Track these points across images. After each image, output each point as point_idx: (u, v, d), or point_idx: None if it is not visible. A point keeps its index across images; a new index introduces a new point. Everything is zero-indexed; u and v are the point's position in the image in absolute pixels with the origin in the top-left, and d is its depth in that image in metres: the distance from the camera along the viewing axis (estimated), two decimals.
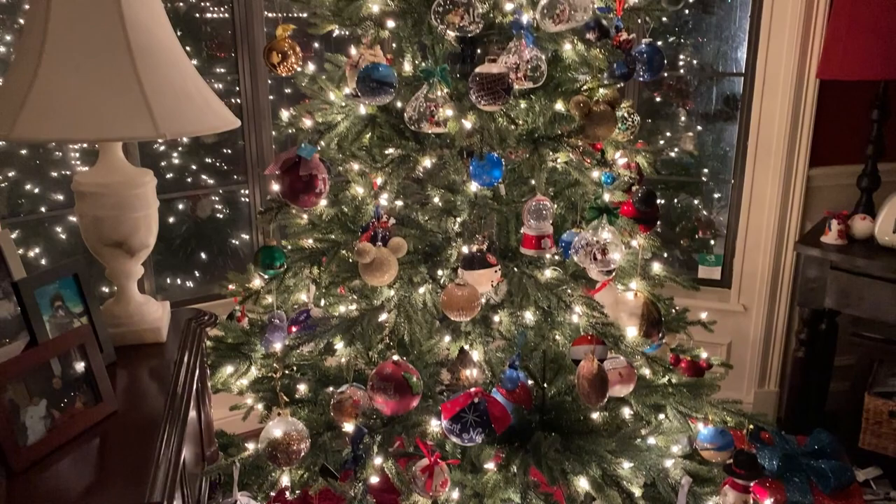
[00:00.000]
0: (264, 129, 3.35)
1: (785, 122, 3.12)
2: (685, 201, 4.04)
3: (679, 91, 4.01)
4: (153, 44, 1.56)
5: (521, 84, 1.85)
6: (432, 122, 1.84)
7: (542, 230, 1.91)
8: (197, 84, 1.66)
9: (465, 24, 1.78)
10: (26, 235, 3.24)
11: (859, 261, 2.73)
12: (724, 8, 3.65)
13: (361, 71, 1.78)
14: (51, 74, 1.46)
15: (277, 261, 1.94)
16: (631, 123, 2.06)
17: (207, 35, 3.63)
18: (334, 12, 2.00)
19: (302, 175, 1.83)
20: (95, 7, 1.51)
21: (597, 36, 1.97)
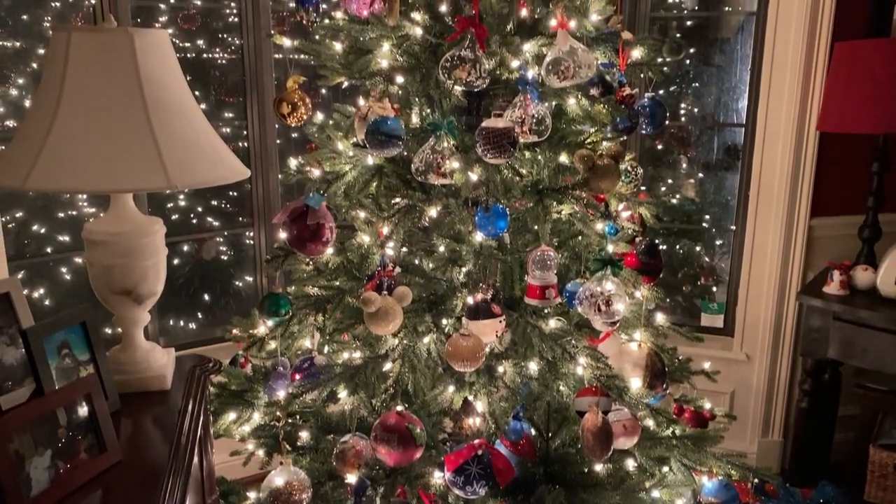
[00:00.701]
0: (271, 173, 3.39)
1: (786, 173, 3.16)
2: (687, 247, 4.06)
3: (681, 139, 4.06)
4: (167, 97, 1.59)
5: (527, 138, 1.88)
6: (439, 174, 1.87)
7: (546, 280, 1.93)
8: (208, 135, 1.69)
9: (472, 80, 1.82)
10: (31, 276, 3.25)
11: (862, 312, 2.74)
12: (724, 60, 3.71)
13: (370, 125, 1.82)
14: (67, 125, 1.49)
15: (283, 308, 1.95)
16: (634, 176, 2.09)
17: (216, 79, 3.70)
18: (344, 65, 2.05)
19: (309, 224, 1.86)
20: (112, 60, 1.54)
21: (600, 91, 2.00)
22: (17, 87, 3.17)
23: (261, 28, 3.23)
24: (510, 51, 1.91)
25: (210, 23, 3.54)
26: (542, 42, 1.90)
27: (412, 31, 1.93)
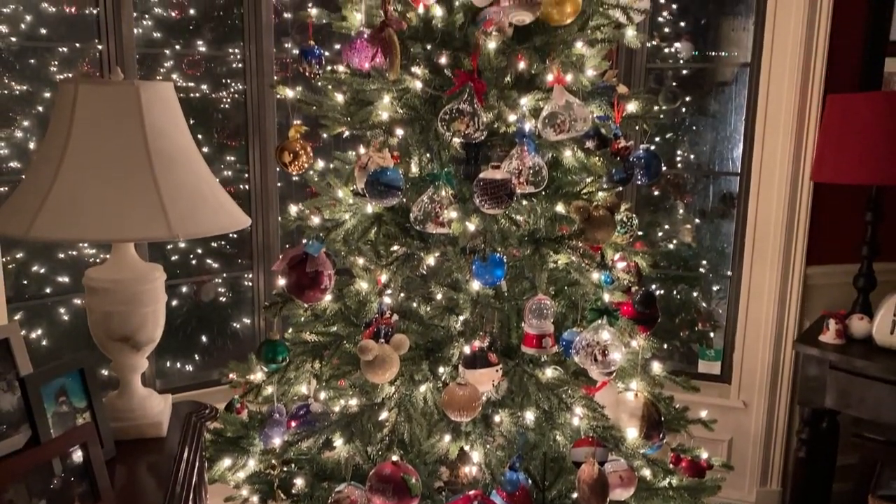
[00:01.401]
0: (271, 216, 3.42)
1: (781, 222, 3.19)
2: (685, 292, 4.07)
3: (677, 185, 4.10)
4: (170, 147, 1.63)
5: (523, 188, 1.91)
6: (437, 223, 1.90)
7: (543, 329, 1.94)
8: (210, 184, 1.72)
9: (471, 132, 1.86)
10: (30, 316, 3.26)
11: (858, 361, 2.74)
12: (719, 109, 3.78)
13: (370, 175, 1.85)
14: (71, 176, 1.52)
15: (280, 355, 1.96)
16: (630, 227, 2.11)
17: (219, 122, 3.75)
18: (345, 116, 2.09)
19: (308, 271, 1.88)
20: (118, 112, 1.58)
21: (596, 144, 2.04)
22: (21, 130, 3.21)
23: (264, 75, 3.29)
24: (508, 104, 1.95)
25: (214, 68, 3.60)
26: (538, 96, 1.94)
27: (412, 85, 1.97)
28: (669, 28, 3.78)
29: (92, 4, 3.03)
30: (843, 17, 3.10)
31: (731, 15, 3.70)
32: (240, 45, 3.36)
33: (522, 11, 1.85)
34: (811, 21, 3.06)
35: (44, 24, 3.08)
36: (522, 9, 1.85)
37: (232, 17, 3.48)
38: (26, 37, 3.05)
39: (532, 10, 1.85)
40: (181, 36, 3.48)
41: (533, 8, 1.85)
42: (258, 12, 3.24)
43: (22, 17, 3.06)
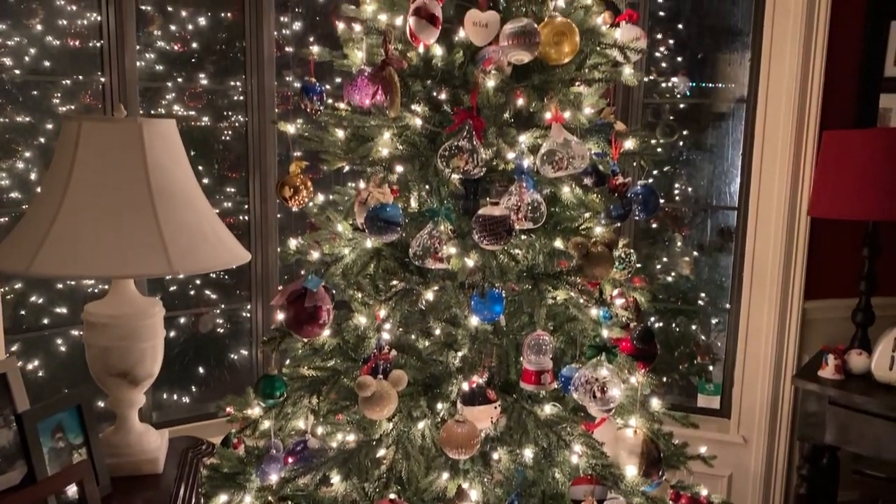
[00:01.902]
0: (270, 248, 3.43)
1: (779, 256, 3.20)
2: (683, 325, 4.07)
3: (675, 218, 4.12)
4: (172, 184, 1.64)
5: (522, 224, 1.92)
6: (436, 259, 1.90)
7: (541, 365, 1.94)
8: (211, 221, 1.73)
9: (470, 169, 1.87)
10: (27, 347, 3.25)
11: (857, 397, 2.74)
12: (716, 145, 3.81)
13: (370, 211, 1.86)
14: (73, 212, 1.53)
15: (278, 390, 1.96)
16: (628, 263, 2.12)
17: (220, 154, 3.77)
18: (346, 151, 2.10)
19: (307, 306, 1.88)
20: (121, 149, 1.60)
21: (594, 181, 2.06)
22: (23, 161, 3.23)
23: (265, 108, 3.32)
24: (506, 141, 1.97)
25: (216, 100, 3.63)
26: (537, 134, 1.96)
27: (412, 122, 1.99)
28: (667, 63, 3.83)
29: (95, 37, 3.06)
30: (838, 53, 3.14)
31: (727, 50, 3.75)
32: (241, 77, 3.39)
33: (521, 51, 1.88)
34: (806, 57, 3.10)
35: (48, 56, 3.11)
36: (521, 49, 1.87)
37: (234, 51, 3.52)
38: (30, 69, 3.08)
39: (530, 50, 1.88)
40: (183, 68, 3.51)
41: (531, 48, 1.88)
42: (260, 46, 3.28)
43: (26, 49, 3.09)
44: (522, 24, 1.87)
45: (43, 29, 3.09)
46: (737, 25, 3.63)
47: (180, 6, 3.43)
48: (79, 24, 3.14)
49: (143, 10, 3.31)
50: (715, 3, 3.76)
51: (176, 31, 3.46)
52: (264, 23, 3.27)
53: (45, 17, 3.09)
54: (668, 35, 3.82)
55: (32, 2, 3.11)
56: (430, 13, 1.84)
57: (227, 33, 3.53)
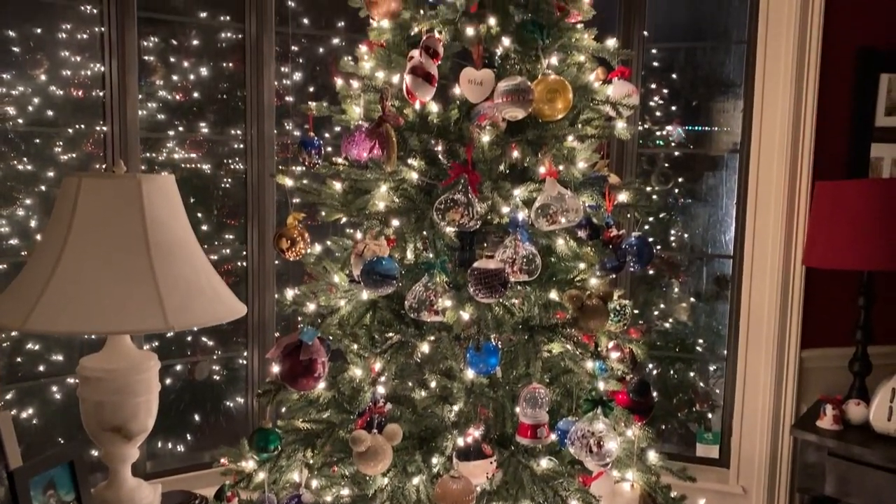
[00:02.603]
0: (267, 295, 3.43)
1: (774, 305, 3.21)
2: (681, 372, 4.05)
3: (671, 264, 4.13)
4: (170, 239, 1.65)
5: (517, 277, 1.94)
6: (432, 311, 1.91)
7: (537, 419, 1.93)
8: (208, 274, 1.74)
9: (465, 222, 1.90)
10: (21, 395, 3.23)
11: (856, 448, 2.72)
12: (711, 193, 3.84)
13: (366, 264, 1.88)
14: (70, 268, 1.54)
15: (272, 444, 1.95)
16: (623, 315, 2.13)
17: (219, 200, 3.80)
18: (343, 204, 2.13)
19: (302, 359, 1.88)
20: (120, 205, 1.61)
21: (588, 233, 2.08)
22: (23, 208, 3.25)
23: (265, 157, 3.36)
24: (501, 195, 2.00)
25: (216, 148, 3.68)
26: (531, 187, 1.99)
27: (408, 175, 2.02)
28: (661, 112, 3.88)
29: (98, 87, 3.11)
30: (829, 104, 3.19)
31: (721, 98, 3.81)
32: (242, 126, 3.44)
33: (515, 108, 1.92)
34: (798, 108, 3.15)
35: (50, 105, 3.16)
36: (515, 106, 1.91)
37: (234, 100, 3.57)
38: (33, 118, 3.12)
39: (524, 107, 1.92)
40: (184, 117, 3.56)
41: (525, 105, 1.91)
42: (260, 95, 3.34)
43: (30, 99, 3.14)
44: (516, 81, 1.91)
45: (47, 79, 3.14)
46: (729, 77, 3.70)
47: (182, 57, 3.49)
48: (82, 75, 3.19)
49: (145, 60, 3.37)
50: (708, 53, 3.83)
51: (178, 81, 3.52)
52: (265, 73, 3.33)
53: (50, 67, 3.14)
54: (661, 85, 3.88)
55: (38, 52, 3.16)
56: (426, 72, 1.88)
57: (229, 83, 3.59)
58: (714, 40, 3.77)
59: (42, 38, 3.10)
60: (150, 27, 3.31)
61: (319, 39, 3.69)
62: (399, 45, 2.07)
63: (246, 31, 3.28)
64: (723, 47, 3.72)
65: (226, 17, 3.41)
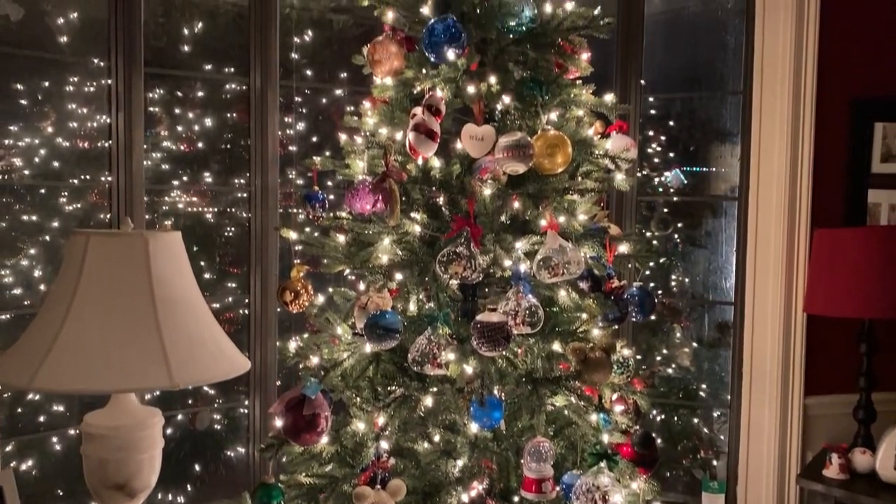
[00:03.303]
0: (270, 343, 3.43)
1: (777, 352, 3.20)
2: (685, 418, 4.03)
3: (673, 310, 4.14)
4: (175, 295, 1.67)
5: (520, 329, 1.95)
6: (435, 365, 1.92)
7: (542, 473, 1.92)
8: (212, 330, 1.75)
9: (468, 275, 1.91)
10: (21, 447, 3.21)
11: (863, 499, 2.69)
12: (711, 241, 3.87)
13: (369, 318, 1.89)
14: (77, 326, 1.56)
15: (275, 500, 1.93)
16: (626, 367, 2.13)
17: (221, 247, 3.82)
18: (346, 256, 2.15)
19: (305, 414, 1.88)
20: (126, 263, 1.63)
21: (589, 285, 2.10)
22: (27, 258, 3.27)
23: (268, 206, 3.39)
24: (503, 247, 2.02)
25: (220, 196, 3.71)
26: (533, 240, 2.01)
27: (411, 228, 2.04)
28: (658, 158, 3.93)
29: (104, 138, 3.15)
30: (825, 152, 3.22)
31: (718, 143, 3.85)
32: (245, 175, 3.47)
33: (516, 163, 1.95)
34: (794, 156, 3.18)
35: (56, 156, 3.20)
36: (516, 161, 1.94)
37: (238, 149, 3.62)
38: (39, 169, 3.15)
39: (525, 162, 1.95)
40: (189, 166, 3.61)
41: (526, 160, 1.95)
42: (264, 145, 3.38)
43: (36, 150, 3.18)
44: (517, 137, 1.95)
45: (54, 131, 3.19)
46: (726, 126, 3.75)
47: (188, 108, 3.55)
48: (88, 126, 3.24)
49: (151, 110, 3.43)
50: (705, 101, 3.89)
51: (183, 132, 3.57)
52: (269, 124, 3.38)
53: (57, 119, 3.19)
54: (659, 132, 3.94)
55: (45, 105, 3.22)
56: (428, 129, 1.91)
57: (233, 133, 3.64)
58: (710, 90, 3.84)
59: (50, 90, 3.15)
60: (157, 79, 3.37)
61: (323, 90, 3.76)
62: (402, 102, 2.11)
63: (251, 84, 3.34)
64: (719, 97, 3.78)
65: (230, 69, 3.48)
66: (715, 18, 3.69)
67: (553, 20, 2.10)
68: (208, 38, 3.51)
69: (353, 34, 3.74)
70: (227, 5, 3.50)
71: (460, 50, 1.96)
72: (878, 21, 3.25)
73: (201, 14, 3.49)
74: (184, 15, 3.49)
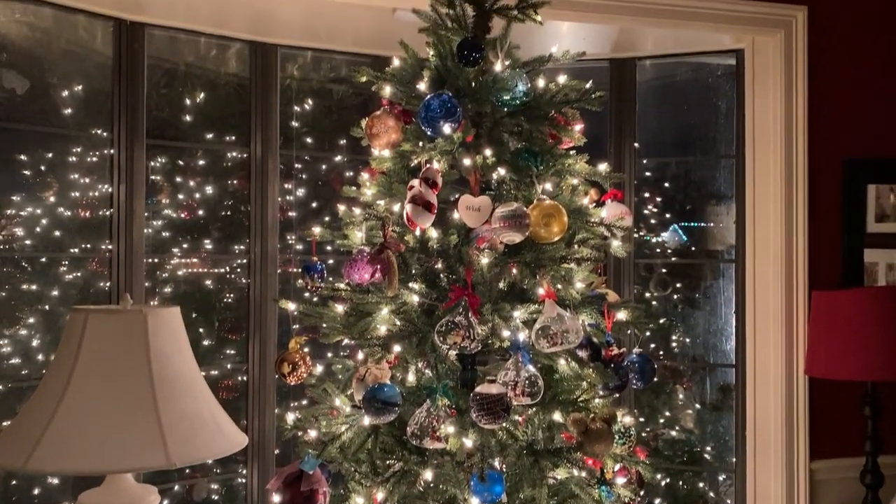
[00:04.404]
0: (268, 411, 3.40)
1: (780, 415, 3.17)
2: (689, 481, 3.95)
3: (675, 371, 4.11)
4: (173, 372, 1.67)
5: (520, 400, 1.93)
6: (434, 438, 1.90)
7: None
8: (210, 407, 1.74)
9: (466, 345, 1.91)
10: None
11: None
12: (709, 303, 3.87)
13: (367, 392, 1.88)
14: (73, 406, 1.55)
15: None
16: (628, 437, 2.11)
17: (220, 312, 3.81)
18: (344, 326, 2.15)
19: (303, 490, 1.85)
20: (125, 340, 1.64)
21: (589, 354, 2.09)
22: (26, 327, 3.26)
23: (267, 272, 3.40)
24: (501, 316, 2.02)
25: (219, 262, 3.73)
26: (531, 309, 2.01)
27: (409, 298, 2.05)
28: (655, 220, 3.96)
29: (105, 207, 3.18)
30: (820, 214, 3.25)
31: (713, 202, 3.88)
32: (245, 241, 3.49)
33: (512, 233, 1.97)
34: (789, 218, 3.20)
35: (58, 226, 3.22)
36: (513, 231, 1.96)
37: (238, 215, 3.65)
38: (40, 238, 3.17)
39: (521, 232, 1.97)
40: (189, 233, 3.62)
41: (522, 230, 1.97)
42: (264, 211, 3.41)
43: (38, 220, 3.20)
44: (513, 207, 1.97)
45: (55, 200, 3.21)
46: (720, 189, 3.79)
47: (189, 176, 3.59)
48: (90, 196, 3.27)
49: (152, 178, 3.46)
50: (699, 163, 3.93)
51: (183, 200, 3.60)
52: (269, 191, 3.42)
53: (59, 189, 3.23)
54: (654, 193, 3.98)
55: (48, 176, 3.25)
56: (426, 201, 1.94)
57: (232, 199, 3.67)
58: (704, 153, 3.89)
59: (53, 161, 3.19)
60: (158, 148, 3.42)
61: (322, 158, 3.81)
62: (399, 174, 2.14)
63: (251, 152, 3.40)
64: (712, 160, 3.84)
65: (231, 137, 3.54)
66: (706, 84, 3.77)
67: (546, 93, 2.15)
68: (209, 108, 3.58)
69: (352, 103, 3.81)
70: (228, 76, 3.58)
71: (456, 124, 2.00)
72: (866, 84, 3.33)
73: (203, 84, 3.57)
74: (186, 85, 3.56)
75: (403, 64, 2.20)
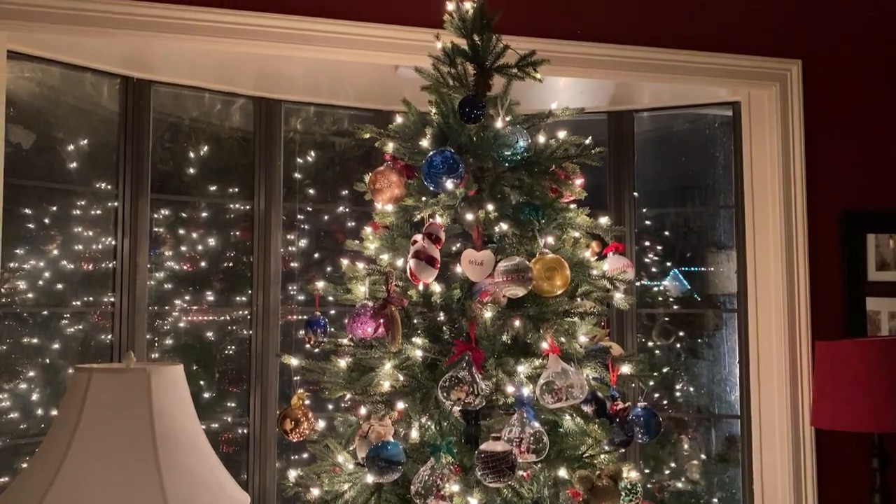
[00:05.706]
0: (269, 465, 3.36)
1: (787, 467, 3.12)
2: None
3: (679, 421, 4.07)
4: (176, 430, 1.66)
5: (525, 457, 1.91)
6: (438, 497, 1.87)
7: None
8: (212, 465, 1.73)
9: (470, 400, 1.90)
10: None
11: None
12: (713, 354, 3.85)
13: (371, 450, 1.86)
14: (75, 468, 1.54)
15: None
16: (634, 494, 2.08)
17: (221, 364, 3.78)
18: (347, 381, 2.14)
19: None
20: (128, 398, 1.63)
21: (594, 409, 2.08)
22: (26, 381, 3.24)
23: (269, 324, 3.40)
24: (505, 371, 2.01)
25: (221, 314, 3.72)
26: (535, 364, 2.01)
27: (412, 353, 2.05)
28: (656, 268, 3.96)
29: (108, 259, 3.19)
30: (820, 262, 3.26)
31: (714, 250, 3.88)
32: (247, 292, 3.49)
33: (515, 287, 1.98)
34: (790, 267, 3.21)
35: (61, 279, 3.22)
36: (515, 285, 1.97)
37: (241, 266, 3.65)
38: (43, 291, 3.17)
39: (524, 286, 1.98)
40: (191, 285, 3.63)
41: (525, 283, 1.97)
42: (267, 263, 3.42)
43: (41, 273, 3.20)
44: (515, 262, 1.98)
45: (59, 254, 3.22)
46: (720, 238, 3.81)
47: (192, 228, 3.61)
48: (93, 248, 3.28)
49: (156, 230, 3.48)
50: (698, 212, 3.95)
51: (186, 252, 3.61)
52: (272, 242, 3.44)
53: (62, 242, 3.24)
54: (655, 242, 3.99)
55: (52, 229, 3.27)
56: (429, 256, 1.95)
57: (235, 250, 3.69)
58: (703, 202, 3.92)
59: (57, 214, 3.21)
60: (162, 202, 3.45)
61: (325, 209, 3.84)
62: (402, 228, 2.16)
63: (254, 204, 3.42)
64: (712, 211, 3.86)
65: (234, 189, 3.57)
66: (704, 135, 3.81)
67: (547, 149, 2.18)
68: (213, 160, 3.62)
69: (354, 154, 3.86)
70: (231, 130, 3.63)
71: (458, 180, 2.02)
72: (863, 134, 3.37)
73: (207, 138, 3.61)
74: (190, 139, 3.60)
75: (406, 120, 2.24)
